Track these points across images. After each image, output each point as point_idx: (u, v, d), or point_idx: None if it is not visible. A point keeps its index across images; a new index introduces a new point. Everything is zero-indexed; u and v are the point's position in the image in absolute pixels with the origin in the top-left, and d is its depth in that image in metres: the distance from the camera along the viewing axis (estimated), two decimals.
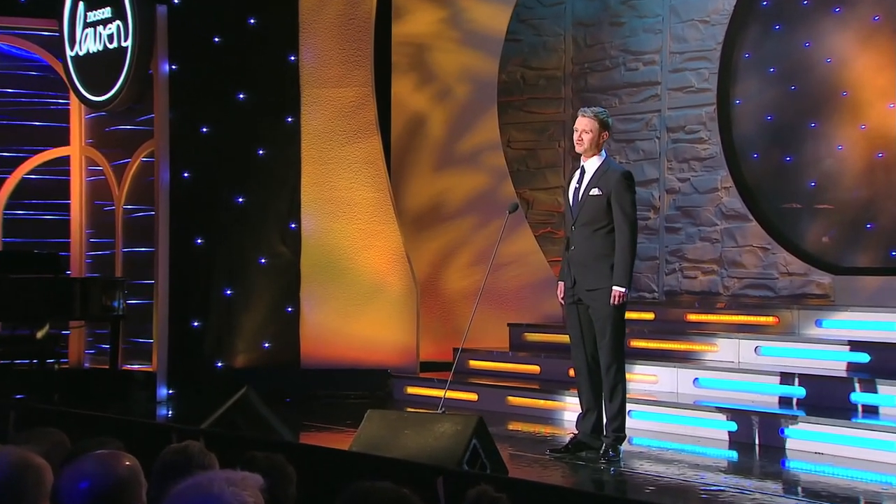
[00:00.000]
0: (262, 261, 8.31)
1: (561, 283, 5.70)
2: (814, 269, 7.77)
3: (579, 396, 5.74)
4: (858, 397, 6.07)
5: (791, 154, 8.13)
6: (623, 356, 5.58)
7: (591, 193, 5.52)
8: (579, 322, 5.61)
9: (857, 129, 7.80)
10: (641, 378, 6.93)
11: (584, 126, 5.58)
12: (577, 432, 5.75)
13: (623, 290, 5.43)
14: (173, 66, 8.25)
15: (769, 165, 8.21)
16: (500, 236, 5.89)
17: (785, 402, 6.34)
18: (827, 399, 6.15)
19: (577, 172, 5.67)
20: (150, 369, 8.18)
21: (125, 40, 8.38)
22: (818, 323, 7.08)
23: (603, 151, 5.58)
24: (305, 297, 8.26)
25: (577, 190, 5.60)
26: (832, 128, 7.91)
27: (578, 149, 5.60)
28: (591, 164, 5.62)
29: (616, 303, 5.45)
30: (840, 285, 7.59)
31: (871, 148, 7.74)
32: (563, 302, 5.70)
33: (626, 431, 5.63)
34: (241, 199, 8.32)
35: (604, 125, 5.54)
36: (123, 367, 8.35)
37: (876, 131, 7.69)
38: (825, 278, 7.72)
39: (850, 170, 7.85)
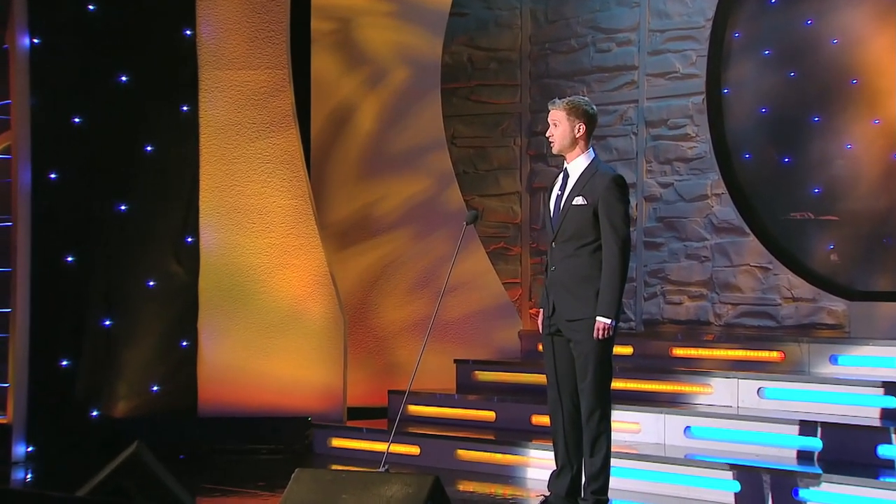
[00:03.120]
0: (151, 283, 8.22)
1: (542, 312, 5.72)
2: (824, 294, 7.83)
3: (554, 449, 5.73)
4: (887, 451, 6.07)
5: (790, 154, 8.25)
6: (609, 401, 5.58)
7: (573, 203, 5.54)
8: (556, 358, 5.61)
9: (869, 125, 7.92)
10: (621, 426, 6.86)
11: (552, 118, 5.62)
12: (548, 494, 5.74)
13: (608, 321, 5.43)
14: (35, 41, 8.09)
15: (764, 168, 8.32)
16: (456, 254, 5.87)
17: (799, 456, 6.35)
18: (849, 453, 6.15)
19: (560, 177, 5.68)
20: (3, 420, 8.02)
21: None
22: (833, 359, 7.13)
23: (590, 150, 5.60)
24: (205, 328, 8.18)
25: (559, 198, 5.62)
26: (840, 123, 8.01)
27: (553, 147, 5.64)
28: (576, 167, 5.62)
29: (600, 337, 5.44)
30: (856, 313, 7.65)
31: (886, 147, 7.87)
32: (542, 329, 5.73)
33: (608, 493, 5.63)
34: (123, 207, 8.22)
35: (579, 114, 5.55)
36: None
37: (892, 127, 7.81)
38: (838, 305, 7.78)
39: (863, 173, 7.97)
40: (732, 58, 8.36)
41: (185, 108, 8.24)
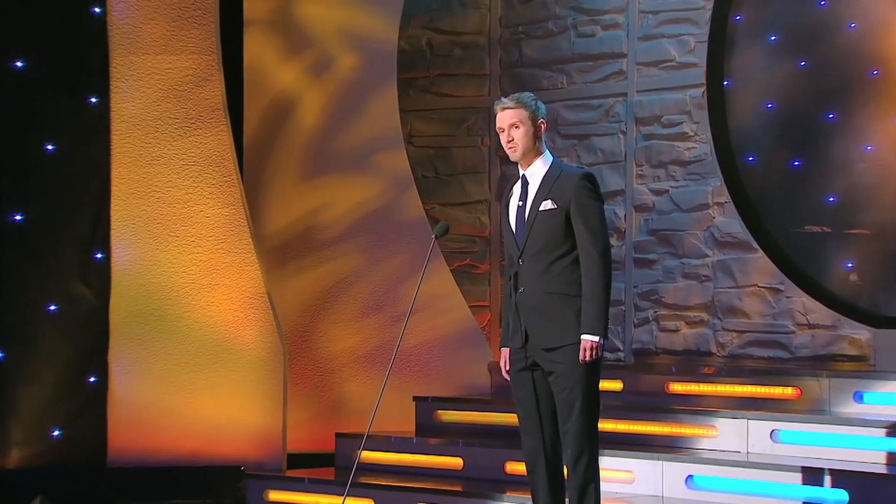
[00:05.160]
0: (52, 308, 8.15)
1: (504, 351, 5.69)
2: (845, 320, 7.83)
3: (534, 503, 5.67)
4: None
5: (801, 157, 8.27)
6: (597, 443, 5.54)
7: (541, 208, 5.56)
8: (535, 396, 5.57)
9: (892, 123, 7.94)
10: (612, 475, 6.88)
11: (509, 120, 5.61)
12: None
13: (596, 339, 5.42)
14: None
15: (773, 173, 8.37)
16: (423, 272, 5.89)
17: None
18: None
19: (518, 186, 5.70)
20: None
21: None
22: (857, 397, 7.11)
23: (547, 152, 5.67)
24: (117, 361, 8.10)
25: (520, 208, 5.64)
26: (858, 120, 8.04)
27: (513, 155, 5.65)
28: (535, 172, 5.65)
29: (588, 359, 5.41)
30: (883, 343, 7.65)
31: None
32: (508, 375, 5.69)
33: None
34: (19, 217, 8.18)
35: (538, 110, 5.63)
36: None
37: None
38: (861, 333, 7.78)
39: (886, 179, 7.99)
40: (737, 44, 8.41)
41: (93, 100, 8.19)
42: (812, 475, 6.36)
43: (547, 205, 5.51)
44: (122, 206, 8.11)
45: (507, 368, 5.64)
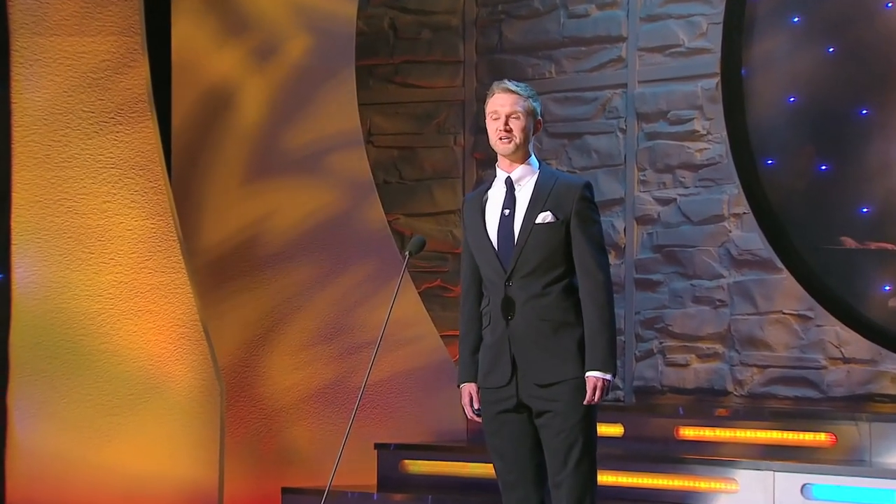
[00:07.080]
0: None
1: (467, 387, 5.60)
2: (886, 353, 7.88)
3: None
4: None
5: (830, 160, 8.29)
6: (596, 496, 5.47)
7: (538, 221, 5.50)
8: (522, 442, 5.52)
9: None
10: None
11: (510, 108, 5.57)
12: None
13: (608, 377, 5.42)
14: None
15: (799, 178, 8.41)
16: (395, 296, 5.79)
17: None
18: None
19: (498, 190, 5.62)
20: None
21: None
22: None
23: (533, 155, 5.65)
24: (18, 402, 8.06)
25: (506, 218, 5.57)
26: None
27: (506, 148, 5.58)
28: (524, 176, 5.60)
29: (596, 400, 5.39)
30: None
31: None
32: (475, 414, 5.61)
33: None
34: None
35: (537, 108, 5.63)
36: None
37: None
38: None
39: None
40: (756, 27, 8.45)
41: None
42: None
43: (546, 217, 5.45)
44: (25, 216, 8.08)
45: (477, 407, 5.54)
